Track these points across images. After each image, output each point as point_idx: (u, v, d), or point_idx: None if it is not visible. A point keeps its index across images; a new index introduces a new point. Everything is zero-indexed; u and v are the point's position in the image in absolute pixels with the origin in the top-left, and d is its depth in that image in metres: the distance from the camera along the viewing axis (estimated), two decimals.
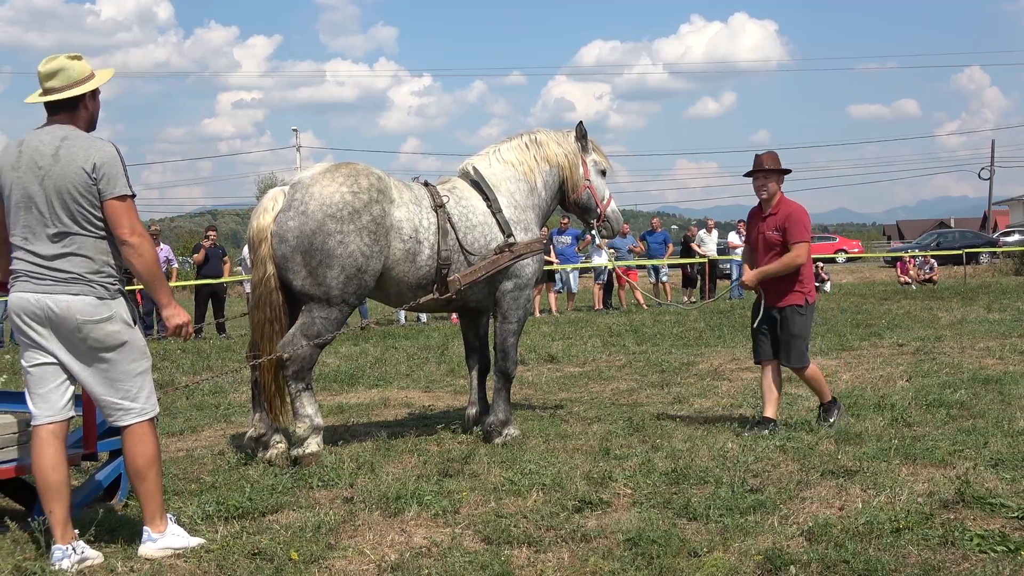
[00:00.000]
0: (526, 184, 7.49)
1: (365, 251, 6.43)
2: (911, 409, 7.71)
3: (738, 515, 4.95)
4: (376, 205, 6.51)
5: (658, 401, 9.00)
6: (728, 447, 6.57)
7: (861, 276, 34.27)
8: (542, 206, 7.67)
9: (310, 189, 6.45)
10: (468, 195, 7.21)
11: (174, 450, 7.23)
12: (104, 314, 4.42)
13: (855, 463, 5.96)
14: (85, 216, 4.40)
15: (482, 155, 7.60)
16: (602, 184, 7.98)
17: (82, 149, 4.40)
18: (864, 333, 14.14)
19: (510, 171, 7.46)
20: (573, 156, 7.73)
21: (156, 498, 4.60)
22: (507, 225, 7.17)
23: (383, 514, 5.22)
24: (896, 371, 10.08)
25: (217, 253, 18.90)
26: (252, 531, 4.91)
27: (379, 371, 11.68)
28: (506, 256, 7.11)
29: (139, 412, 4.57)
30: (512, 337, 7.32)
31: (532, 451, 6.68)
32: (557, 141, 7.71)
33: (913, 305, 19.13)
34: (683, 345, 13.58)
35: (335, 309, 6.49)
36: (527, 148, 7.60)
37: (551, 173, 7.66)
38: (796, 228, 7.06)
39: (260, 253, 6.51)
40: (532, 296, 7.42)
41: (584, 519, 5.04)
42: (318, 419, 6.51)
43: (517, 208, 7.32)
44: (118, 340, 4.48)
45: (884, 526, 4.65)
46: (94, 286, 4.42)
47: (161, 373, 11.49)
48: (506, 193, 7.33)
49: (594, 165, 7.91)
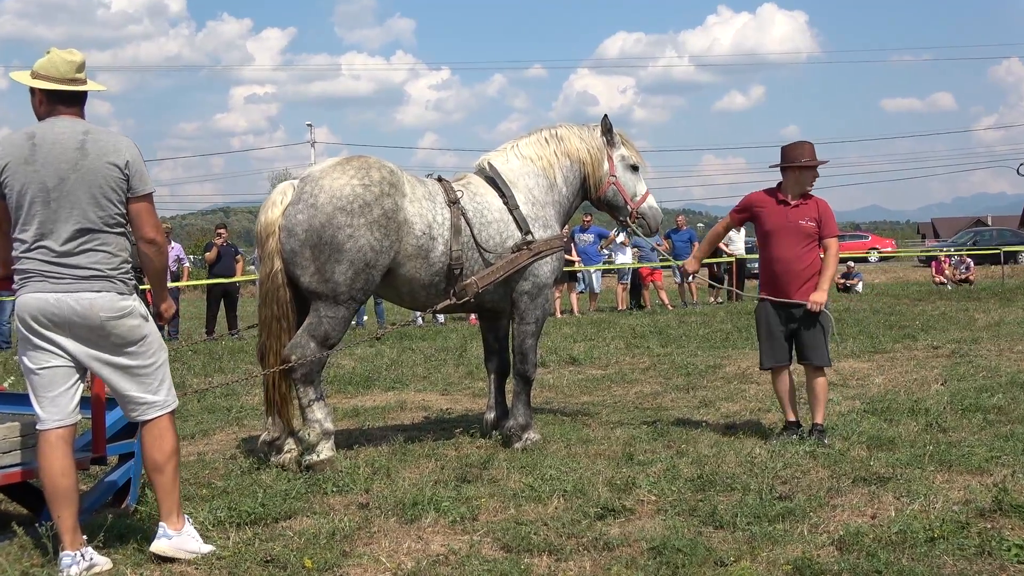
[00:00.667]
0: (545, 180, 7.45)
1: (375, 246, 6.42)
2: (946, 414, 7.66)
3: (766, 523, 4.93)
4: (388, 199, 6.50)
5: (683, 405, 8.98)
6: (756, 453, 6.55)
7: (894, 276, 34.07)
8: (562, 203, 7.60)
9: (320, 182, 6.47)
10: (483, 191, 7.18)
11: (185, 454, 7.26)
12: (126, 309, 4.49)
13: (888, 470, 5.93)
14: (111, 212, 4.46)
15: (500, 151, 7.58)
16: (633, 180, 7.81)
17: (111, 144, 4.46)
18: (898, 335, 14.05)
19: (528, 167, 7.42)
20: (596, 151, 7.64)
21: (174, 494, 4.65)
22: (524, 222, 7.12)
23: (399, 521, 5.23)
24: (931, 374, 10.02)
25: (229, 251, 18.96)
26: (265, 538, 4.93)
27: (395, 373, 11.70)
28: (525, 254, 7.06)
29: (162, 405, 4.66)
30: (530, 339, 7.29)
31: (553, 456, 6.68)
32: (579, 136, 7.64)
33: (948, 306, 19.00)
34: (709, 347, 13.54)
35: (342, 307, 6.46)
36: (547, 143, 7.55)
37: (572, 169, 7.59)
38: (832, 221, 7.07)
39: (268, 248, 6.53)
40: (551, 296, 7.38)
41: (607, 527, 5.03)
42: (328, 424, 6.50)
43: (535, 204, 7.28)
44: (140, 334, 4.56)
45: (918, 535, 4.62)
46: (115, 282, 4.48)
47: (173, 375, 11.55)
48: (523, 189, 7.30)
49: (622, 160, 7.77)
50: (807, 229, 6.99)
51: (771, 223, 7.13)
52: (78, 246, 4.41)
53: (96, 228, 4.43)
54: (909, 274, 34.61)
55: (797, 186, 7.10)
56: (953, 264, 26.65)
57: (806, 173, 7.10)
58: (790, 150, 7.15)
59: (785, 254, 7.04)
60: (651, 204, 7.91)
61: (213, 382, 10.41)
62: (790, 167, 7.11)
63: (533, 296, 7.22)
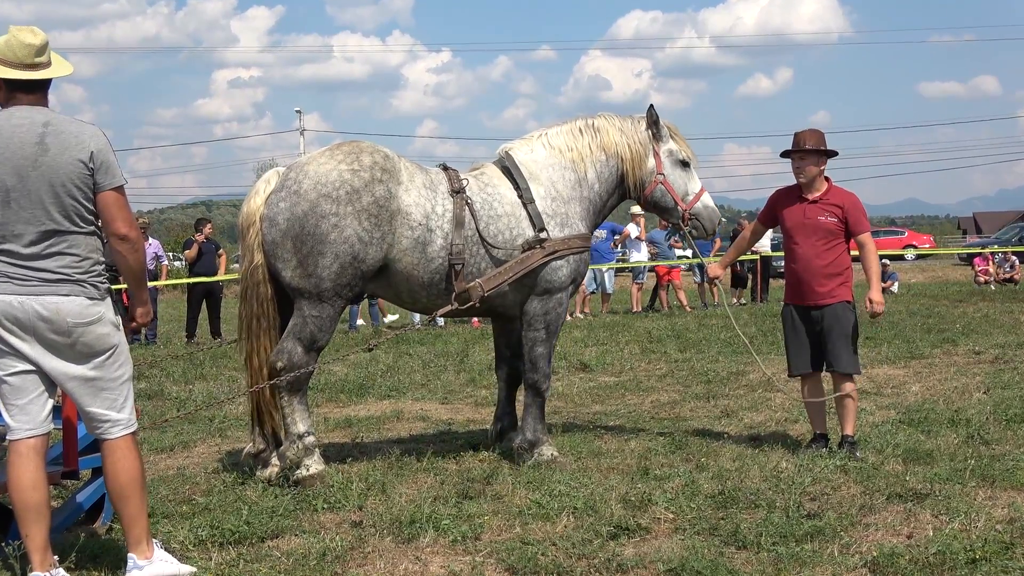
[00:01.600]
0: (573, 174, 7.21)
1: (363, 236, 6.34)
2: (989, 425, 7.65)
3: (793, 543, 4.93)
4: (379, 185, 6.43)
5: (703, 415, 8.98)
6: (782, 467, 6.55)
7: (933, 275, 34.05)
8: (593, 200, 7.33)
9: (305, 168, 6.47)
10: (497, 182, 7.04)
11: (164, 467, 7.28)
12: (95, 316, 4.46)
13: (925, 485, 5.92)
14: (78, 211, 4.43)
15: (526, 139, 7.42)
16: (683, 177, 7.52)
17: (74, 136, 4.42)
18: (936, 339, 14.04)
19: (556, 158, 7.21)
20: (639, 147, 7.37)
21: (141, 520, 4.61)
22: (538, 218, 6.92)
23: (395, 540, 5.23)
24: (972, 382, 10.01)
25: (211, 248, 18.99)
26: (250, 558, 4.94)
27: (391, 380, 11.71)
28: (537, 254, 6.85)
29: (126, 424, 4.60)
30: (540, 346, 7.08)
31: (562, 471, 6.68)
32: (620, 128, 7.39)
33: (991, 308, 18.98)
34: (732, 352, 13.53)
35: (327, 305, 6.41)
36: (581, 134, 7.33)
37: (607, 164, 7.33)
38: (862, 216, 7.04)
39: (248, 240, 6.54)
40: (566, 300, 7.13)
41: (620, 547, 5.03)
42: (310, 438, 6.48)
43: (556, 199, 7.07)
44: (108, 344, 4.53)
45: (958, 556, 4.61)
46: (84, 286, 4.45)
47: (150, 382, 11.58)
48: (545, 182, 7.09)
49: (670, 156, 7.49)
50: (828, 225, 6.98)
51: (790, 220, 7.18)
52: (44, 249, 4.38)
53: (63, 229, 4.41)
54: (949, 273, 34.59)
55: (801, 176, 7.13)
56: (996, 262, 26.61)
57: (804, 162, 7.11)
58: (793, 137, 7.20)
59: (804, 252, 7.06)
60: (706, 203, 7.59)
61: (219, 396, 10.41)
62: (789, 154, 7.17)
63: (545, 300, 7.03)
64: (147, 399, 10.51)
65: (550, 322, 7.10)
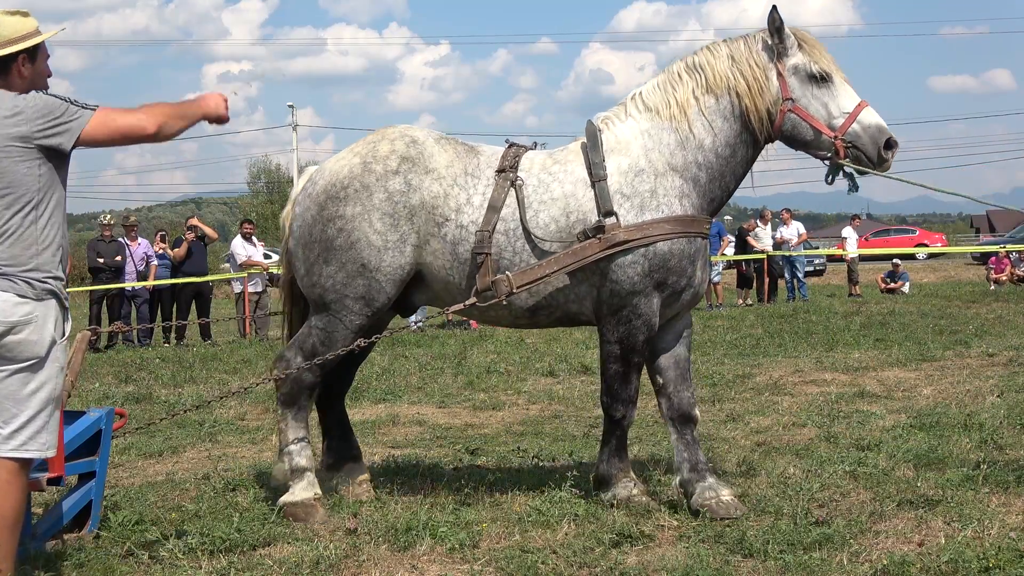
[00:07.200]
0: (673, 136, 5.89)
1: (376, 241, 5.75)
2: (1003, 429, 7.65)
3: (801, 551, 4.93)
4: (396, 177, 5.81)
5: (709, 419, 8.98)
6: (790, 472, 6.55)
7: (945, 275, 34.07)
8: (707, 164, 5.92)
9: (325, 165, 6.14)
10: (572, 158, 5.96)
11: (152, 473, 7.28)
12: (26, 316, 4.13)
13: (937, 491, 5.92)
14: (16, 193, 4.16)
15: (620, 105, 6.21)
16: (822, 95, 5.90)
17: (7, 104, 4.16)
18: (948, 341, 14.06)
19: (650, 122, 5.95)
20: (756, 70, 5.90)
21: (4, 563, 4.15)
22: (606, 198, 5.72)
23: (391, 548, 5.23)
24: (985, 385, 10.01)
25: (201, 248, 18.98)
26: (241, 567, 4.94)
27: (387, 383, 11.72)
28: (593, 245, 5.66)
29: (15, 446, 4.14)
30: (615, 364, 5.90)
31: (562, 476, 6.68)
32: (730, 55, 5.97)
33: (1005, 308, 18.97)
34: (738, 354, 13.55)
35: (334, 319, 5.88)
36: (679, 82, 5.99)
37: (719, 109, 5.92)
38: None
39: (283, 250, 6.36)
40: (647, 308, 5.78)
41: (623, 555, 5.03)
42: (300, 458, 5.99)
43: (640, 174, 5.80)
44: (31, 353, 4.16)
45: (971, 564, 4.62)
46: (15, 281, 4.13)
47: (139, 385, 11.59)
48: (637, 152, 5.86)
49: (795, 72, 5.92)
50: None
51: None
52: None
53: None
54: (961, 273, 34.61)
55: None
56: (1012, 262, 26.60)
57: None
58: None
59: None
60: (865, 122, 5.86)
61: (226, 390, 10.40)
62: None
63: (615, 305, 5.80)
64: (135, 403, 10.53)
65: (623, 336, 5.83)
